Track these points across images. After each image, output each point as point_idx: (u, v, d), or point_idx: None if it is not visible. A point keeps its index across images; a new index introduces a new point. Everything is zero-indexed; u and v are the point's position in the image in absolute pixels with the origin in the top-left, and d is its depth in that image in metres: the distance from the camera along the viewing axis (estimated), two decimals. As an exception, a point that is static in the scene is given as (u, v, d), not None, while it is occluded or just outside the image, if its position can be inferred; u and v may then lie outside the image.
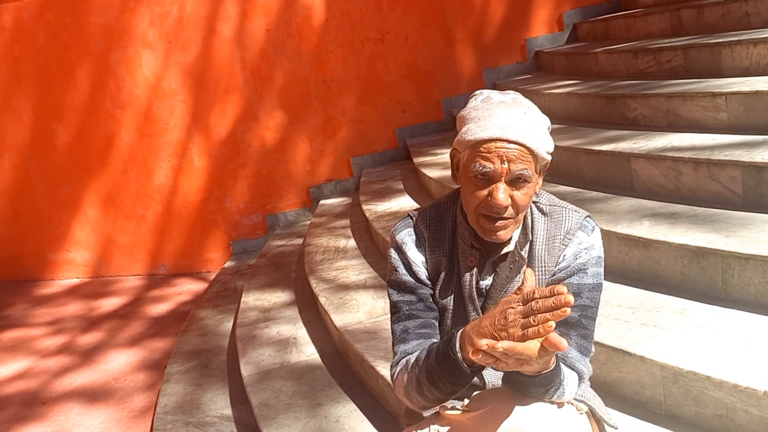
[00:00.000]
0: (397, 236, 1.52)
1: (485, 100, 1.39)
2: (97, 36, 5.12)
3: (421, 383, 1.35)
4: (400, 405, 2.32)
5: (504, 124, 1.32)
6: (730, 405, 1.80)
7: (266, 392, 2.80)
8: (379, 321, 2.89)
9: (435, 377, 1.31)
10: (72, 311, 4.89)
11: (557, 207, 1.47)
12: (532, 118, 1.35)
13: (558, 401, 1.35)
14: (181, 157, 5.27)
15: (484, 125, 1.33)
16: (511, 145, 1.32)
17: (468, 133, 1.35)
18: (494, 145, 1.32)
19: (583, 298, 1.41)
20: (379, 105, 5.46)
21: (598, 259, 1.43)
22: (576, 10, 5.71)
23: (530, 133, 1.33)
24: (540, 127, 1.37)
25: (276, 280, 4.16)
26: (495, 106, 1.36)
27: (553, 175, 3.42)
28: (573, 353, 1.39)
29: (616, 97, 3.69)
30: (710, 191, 2.68)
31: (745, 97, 2.96)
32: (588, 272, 1.42)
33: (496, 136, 1.32)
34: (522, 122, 1.33)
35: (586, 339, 1.41)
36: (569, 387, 1.36)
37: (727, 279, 2.22)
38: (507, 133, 1.31)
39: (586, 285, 1.41)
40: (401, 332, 1.48)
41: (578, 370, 1.39)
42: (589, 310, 1.41)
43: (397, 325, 1.49)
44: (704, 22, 4.14)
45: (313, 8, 5.22)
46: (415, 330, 1.46)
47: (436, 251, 1.49)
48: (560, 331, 1.39)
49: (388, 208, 4.05)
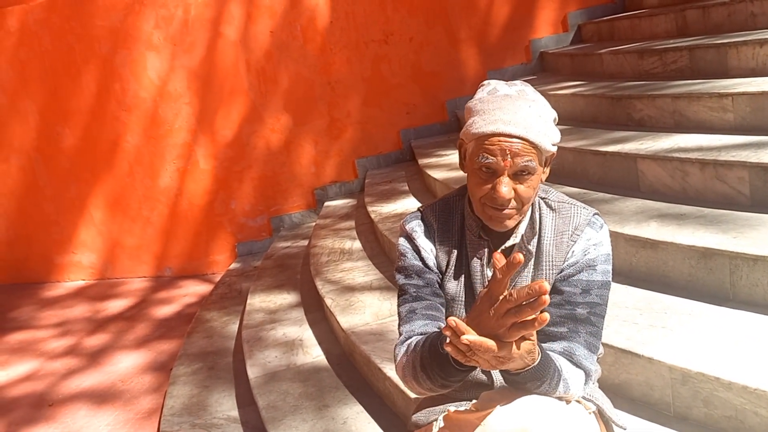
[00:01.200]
0: (407, 226, 1.54)
1: (492, 92, 1.39)
2: (103, 39, 5.13)
3: (416, 370, 1.36)
4: (408, 406, 2.33)
5: (507, 118, 1.33)
6: (739, 406, 1.80)
7: (273, 394, 2.80)
8: (385, 323, 2.89)
9: (427, 368, 1.33)
10: (78, 313, 4.90)
11: (566, 204, 1.48)
12: (536, 111, 1.36)
13: (566, 397, 1.35)
14: (187, 159, 5.28)
15: (488, 119, 1.34)
16: (514, 140, 1.33)
17: (473, 126, 1.37)
18: (497, 140, 1.33)
19: (592, 294, 1.41)
20: (384, 106, 5.47)
21: (606, 256, 1.44)
22: (581, 11, 5.70)
23: (534, 127, 1.34)
24: (545, 120, 1.37)
25: (282, 281, 4.17)
26: (500, 99, 1.36)
27: (559, 176, 3.42)
28: (581, 350, 1.39)
29: (621, 98, 3.69)
30: (717, 192, 2.68)
31: (752, 98, 2.95)
32: (597, 269, 1.42)
33: (499, 131, 1.33)
34: (526, 116, 1.34)
35: (595, 336, 1.41)
36: (573, 382, 1.35)
37: (735, 280, 2.21)
38: (510, 128, 1.32)
39: (596, 282, 1.41)
40: (407, 312, 1.48)
41: (585, 367, 1.39)
42: (598, 307, 1.41)
43: (404, 307, 1.49)
44: (710, 23, 4.13)
45: (318, 10, 5.23)
46: (422, 311, 1.47)
47: (445, 242, 1.51)
48: (569, 328, 1.40)
49: (394, 210, 4.05)
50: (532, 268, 1.45)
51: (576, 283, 1.41)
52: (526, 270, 1.45)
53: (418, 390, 1.41)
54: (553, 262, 1.44)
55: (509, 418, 1.28)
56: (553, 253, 1.44)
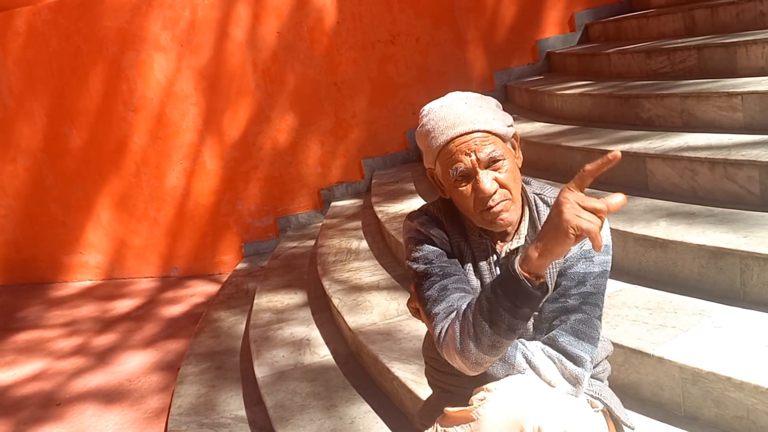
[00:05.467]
0: (415, 221, 1.52)
1: (429, 113, 1.45)
2: (110, 40, 5.15)
3: (476, 326, 1.30)
4: (415, 406, 2.32)
5: (452, 122, 1.39)
6: (750, 406, 1.79)
7: (281, 393, 2.80)
8: (392, 322, 2.89)
9: (493, 313, 1.28)
10: (86, 313, 4.91)
11: None
12: (474, 104, 1.42)
13: (545, 379, 1.35)
14: (194, 159, 5.29)
15: (437, 133, 1.40)
16: (467, 137, 1.37)
17: (429, 146, 1.43)
18: (454, 145, 1.38)
19: (587, 285, 1.40)
20: (390, 107, 5.47)
21: (605, 247, 1.43)
22: (587, 11, 5.69)
23: (479, 117, 1.39)
24: (486, 108, 1.42)
25: (288, 281, 4.17)
26: (439, 112, 1.42)
27: (567, 175, 3.40)
28: (565, 337, 1.36)
29: (629, 98, 3.67)
30: (727, 191, 2.66)
31: (762, 97, 2.94)
32: (594, 260, 1.41)
33: (451, 137, 1.38)
34: (467, 111, 1.40)
35: (585, 324, 1.38)
36: (541, 362, 1.35)
37: (746, 279, 2.20)
38: (459, 128, 1.38)
39: (592, 273, 1.41)
40: (439, 291, 1.42)
41: (570, 353, 1.35)
42: (592, 296, 1.40)
43: (433, 289, 1.43)
44: (718, 22, 4.12)
45: (325, 11, 5.23)
46: (454, 284, 1.42)
47: (454, 235, 1.50)
48: (559, 319, 1.39)
49: (400, 210, 4.05)
50: None
51: (573, 275, 1.41)
52: None
53: (474, 358, 1.33)
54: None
55: (503, 408, 1.28)
56: None
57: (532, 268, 1.24)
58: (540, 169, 3.74)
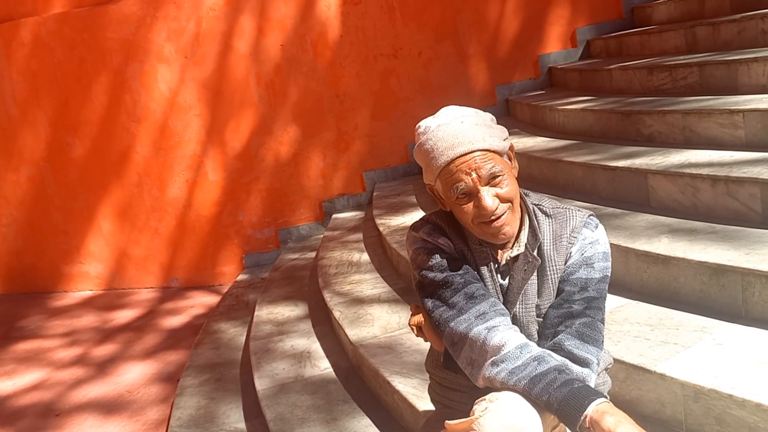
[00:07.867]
0: (420, 231, 1.55)
1: (425, 133, 1.47)
2: (114, 51, 5.18)
3: (519, 378, 1.32)
4: (416, 421, 2.31)
5: (450, 142, 1.41)
6: (752, 424, 1.78)
7: (281, 406, 2.79)
8: (394, 336, 2.89)
9: (540, 389, 1.30)
10: (86, 323, 4.90)
11: (560, 209, 1.54)
12: (471, 122, 1.44)
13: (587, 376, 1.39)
14: (196, 170, 5.30)
15: (438, 153, 1.43)
16: (467, 156, 1.40)
17: (429, 166, 1.45)
18: (455, 165, 1.41)
19: (590, 290, 1.46)
20: (392, 120, 5.49)
21: (604, 254, 1.49)
22: (589, 27, 5.73)
23: (477, 136, 1.41)
24: (482, 125, 1.44)
25: (289, 293, 4.17)
26: (437, 132, 1.44)
27: (568, 190, 3.42)
28: (571, 341, 1.41)
29: (631, 114, 3.69)
30: (729, 208, 2.67)
31: (763, 115, 2.95)
32: (595, 267, 1.47)
33: (451, 157, 1.40)
34: (465, 132, 1.42)
35: (590, 327, 1.43)
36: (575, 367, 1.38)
37: (748, 297, 2.20)
38: (459, 149, 1.40)
39: (594, 279, 1.47)
40: (466, 299, 1.44)
41: (577, 356, 1.40)
42: (594, 301, 1.46)
43: (458, 296, 1.45)
44: (720, 39, 4.14)
45: (328, 24, 5.26)
46: (480, 291, 1.46)
47: (457, 243, 1.53)
48: (564, 324, 1.43)
49: (402, 223, 4.05)
50: (536, 275, 1.48)
51: (575, 281, 1.46)
52: (533, 277, 1.49)
53: (494, 384, 1.37)
54: (556, 266, 1.49)
55: (504, 419, 1.29)
56: (554, 257, 1.49)
57: None
58: (541, 183, 3.75)
